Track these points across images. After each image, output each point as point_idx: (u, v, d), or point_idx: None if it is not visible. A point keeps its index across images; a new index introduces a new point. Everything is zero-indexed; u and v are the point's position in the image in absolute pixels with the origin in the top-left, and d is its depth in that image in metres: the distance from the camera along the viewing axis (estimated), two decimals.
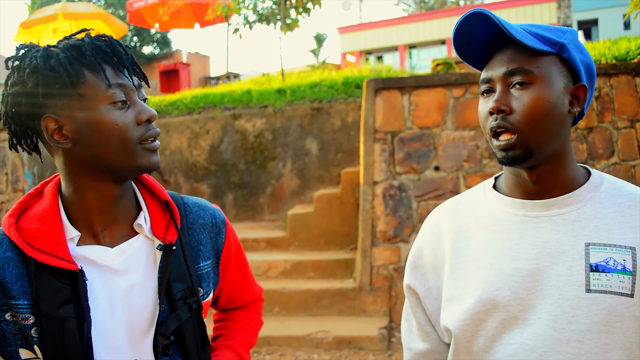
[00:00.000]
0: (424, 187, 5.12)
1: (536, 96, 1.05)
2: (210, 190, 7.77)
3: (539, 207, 1.11)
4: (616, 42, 6.11)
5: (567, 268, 1.05)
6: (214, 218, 1.32)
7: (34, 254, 1.06)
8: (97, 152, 1.10)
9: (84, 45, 1.09)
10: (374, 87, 5.29)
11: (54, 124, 1.09)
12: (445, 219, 1.25)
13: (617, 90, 4.89)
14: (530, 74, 1.06)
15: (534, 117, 1.05)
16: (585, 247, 1.05)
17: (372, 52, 23.75)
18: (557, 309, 1.04)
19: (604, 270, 1.03)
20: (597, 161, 4.90)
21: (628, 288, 1.02)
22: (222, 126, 7.82)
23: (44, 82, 1.07)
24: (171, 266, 1.18)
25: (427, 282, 1.25)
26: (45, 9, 12.26)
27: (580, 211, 1.09)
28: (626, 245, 1.04)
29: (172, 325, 1.15)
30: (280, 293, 5.32)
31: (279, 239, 6.34)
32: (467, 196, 1.26)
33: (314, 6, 9.56)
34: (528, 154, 1.07)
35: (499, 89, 1.09)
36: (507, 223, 1.14)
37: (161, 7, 13.25)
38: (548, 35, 1.08)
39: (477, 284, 1.12)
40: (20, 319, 1.06)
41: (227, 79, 13.68)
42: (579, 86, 1.09)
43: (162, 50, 22.23)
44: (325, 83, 8.02)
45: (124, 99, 1.11)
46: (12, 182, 7.03)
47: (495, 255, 1.12)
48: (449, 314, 1.16)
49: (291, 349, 4.70)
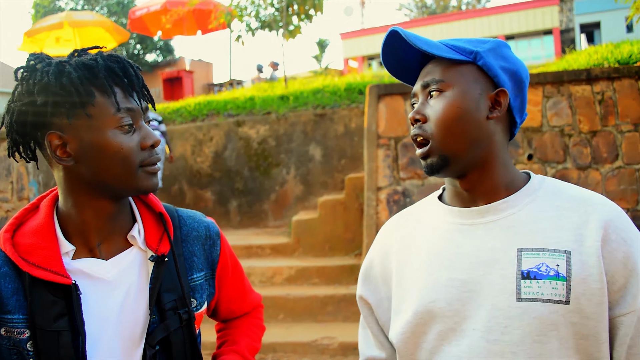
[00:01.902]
0: (427, 193, 5.10)
1: (447, 103, 1.07)
2: (215, 197, 7.79)
3: (475, 215, 1.10)
4: (619, 45, 6.10)
5: (499, 276, 1.02)
6: (208, 230, 1.33)
7: (28, 269, 1.07)
8: (98, 173, 1.10)
9: (97, 66, 1.09)
10: (377, 93, 5.30)
11: (58, 140, 1.09)
12: (393, 231, 1.25)
13: (620, 94, 4.89)
14: (442, 82, 1.08)
15: (445, 123, 1.07)
16: (518, 253, 1.02)
17: (375, 57, 23.76)
18: (491, 319, 1.01)
19: (535, 277, 1.00)
20: (601, 165, 4.90)
21: (562, 295, 0.98)
22: (225, 133, 7.84)
23: (53, 100, 1.06)
24: (163, 277, 1.19)
25: (378, 293, 1.24)
26: (49, 18, 12.33)
27: (514, 216, 1.07)
28: (560, 249, 1.00)
29: (158, 335, 1.16)
30: (285, 299, 5.32)
31: (284, 245, 6.34)
32: (417, 207, 1.27)
33: (315, 12, 9.59)
34: (444, 161, 1.08)
35: (419, 101, 1.13)
36: (446, 232, 1.13)
37: (164, 15, 13.29)
38: (465, 46, 1.10)
39: (415, 295, 1.11)
40: (16, 334, 1.07)
41: (230, 86, 13.72)
42: (499, 91, 1.09)
43: (165, 57, 22.30)
44: (328, 89, 8.04)
45: (131, 123, 1.12)
46: (17, 190, 7.05)
47: (433, 265, 1.11)
48: (392, 327, 1.15)
49: (297, 355, 4.70)
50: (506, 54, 1.12)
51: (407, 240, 1.20)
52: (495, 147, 1.10)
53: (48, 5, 20.61)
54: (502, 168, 1.11)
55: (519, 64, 1.13)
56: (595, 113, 4.92)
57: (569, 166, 4.95)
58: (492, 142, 1.10)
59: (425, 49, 1.07)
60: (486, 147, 1.09)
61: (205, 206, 7.78)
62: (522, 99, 1.14)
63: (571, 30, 19.76)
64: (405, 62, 1.19)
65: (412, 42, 1.07)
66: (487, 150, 1.09)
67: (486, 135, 1.09)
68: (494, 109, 1.09)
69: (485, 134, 1.08)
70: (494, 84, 1.10)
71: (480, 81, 1.09)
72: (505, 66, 1.11)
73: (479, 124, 1.07)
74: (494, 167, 1.11)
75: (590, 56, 5.71)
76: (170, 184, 7.98)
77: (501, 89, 1.09)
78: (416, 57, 1.17)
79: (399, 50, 1.16)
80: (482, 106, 1.08)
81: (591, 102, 4.93)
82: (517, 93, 1.12)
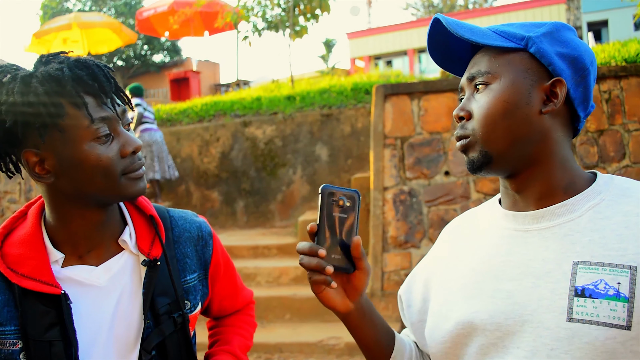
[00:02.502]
0: (434, 192, 5.12)
1: (492, 96, 0.97)
2: (221, 197, 7.81)
3: (529, 220, 0.99)
4: (626, 43, 6.07)
5: (549, 291, 0.90)
6: (200, 231, 1.31)
7: (17, 280, 1.06)
8: (80, 186, 1.07)
9: (64, 78, 1.03)
10: (383, 93, 5.30)
11: (34, 157, 1.05)
12: (450, 232, 1.18)
13: (627, 92, 4.86)
14: (488, 74, 0.98)
15: (487, 119, 0.96)
16: (573, 267, 0.89)
17: (381, 56, 23.76)
18: (537, 339, 0.89)
19: (591, 295, 0.86)
20: (609, 164, 4.88)
21: (622, 318, 0.83)
22: (232, 133, 7.86)
23: (22, 119, 1.02)
24: (156, 281, 1.17)
25: (417, 292, 1.18)
26: (58, 19, 12.42)
27: (573, 223, 0.94)
28: (624, 264, 0.85)
29: (154, 340, 1.15)
30: (292, 299, 5.33)
31: (290, 245, 6.35)
32: (480, 208, 1.16)
33: (322, 12, 9.59)
34: (486, 158, 0.98)
35: (466, 95, 1.03)
36: (498, 238, 1.02)
37: (171, 16, 13.34)
38: (516, 31, 0.99)
39: (460, 303, 1.01)
40: (8, 345, 1.06)
41: (237, 86, 13.76)
42: (554, 81, 0.96)
43: (173, 58, 22.37)
44: (335, 89, 8.04)
45: (108, 132, 1.07)
46: (25, 191, 7.10)
47: (481, 273, 1.00)
48: (432, 334, 1.07)
49: (303, 356, 4.70)
50: (566, 38, 0.99)
51: (461, 244, 1.11)
52: (551, 144, 0.97)
53: (56, 6, 20.72)
54: (560, 168, 0.98)
55: (581, 48, 0.99)
56: (602, 112, 4.90)
57: None
58: (547, 139, 0.97)
59: (468, 37, 0.97)
60: (538, 145, 0.97)
61: (212, 206, 7.80)
62: (586, 90, 1.00)
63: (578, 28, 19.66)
64: (455, 52, 1.09)
65: (454, 30, 0.97)
66: (539, 148, 0.97)
67: (538, 132, 0.96)
68: (549, 101, 0.96)
69: (537, 130, 0.96)
70: (550, 74, 0.97)
71: (532, 71, 0.97)
72: (564, 52, 0.97)
73: (529, 119, 0.95)
74: (550, 167, 0.98)
75: (597, 55, 5.67)
76: (177, 185, 8.00)
77: (557, 79, 0.96)
78: (466, 46, 1.08)
79: (446, 40, 1.07)
80: (534, 99, 0.96)
81: (598, 101, 4.90)
82: (578, 82, 0.98)
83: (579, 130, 1.04)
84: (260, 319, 5.21)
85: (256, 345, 4.71)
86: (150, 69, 20.86)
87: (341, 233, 0.94)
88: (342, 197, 0.94)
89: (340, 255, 0.94)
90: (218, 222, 7.62)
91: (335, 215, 0.94)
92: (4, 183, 7.21)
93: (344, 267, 0.95)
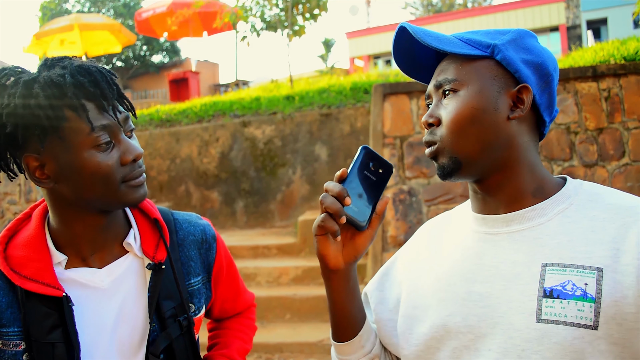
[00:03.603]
0: (434, 192, 5.11)
1: (460, 103, 0.97)
2: (221, 197, 7.80)
3: (499, 223, 1.00)
4: (625, 42, 6.07)
5: (519, 292, 0.92)
6: (204, 234, 1.31)
7: (20, 282, 1.06)
8: (80, 192, 1.07)
9: (66, 84, 1.03)
10: (382, 92, 5.30)
11: (35, 162, 1.06)
12: (425, 234, 1.19)
13: (626, 90, 4.86)
14: (455, 81, 0.98)
15: (457, 125, 0.97)
16: (542, 268, 0.91)
17: (381, 56, 23.73)
18: (507, 340, 0.91)
19: (559, 296, 0.88)
20: (608, 162, 4.87)
21: (589, 318, 0.85)
22: (231, 134, 7.86)
23: (23, 125, 1.02)
24: (161, 285, 1.17)
25: (390, 290, 1.18)
26: (58, 20, 12.43)
27: (543, 226, 0.96)
28: (591, 266, 0.88)
29: (162, 344, 1.15)
30: (292, 299, 5.33)
31: (290, 245, 6.35)
32: (455, 211, 1.18)
33: (320, 12, 9.59)
34: (456, 164, 0.98)
35: (433, 102, 1.04)
36: (470, 241, 1.04)
37: (169, 17, 13.33)
38: (481, 39, 1.00)
39: (434, 307, 1.02)
40: (12, 346, 1.06)
41: (236, 87, 13.76)
42: (520, 88, 0.98)
43: (172, 59, 22.35)
44: (334, 89, 8.03)
45: (109, 139, 1.07)
46: (25, 192, 7.10)
47: (454, 276, 1.02)
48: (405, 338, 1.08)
49: (303, 355, 4.70)
50: (530, 45, 1.01)
51: (435, 246, 1.12)
52: (519, 149, 0.99)
53: (55, 7, 20.72)
54: (528, 172, 1.00)
55: (545, 55, 1.01)
56: (601, 110, 4.89)
57: (575, 164, 4.92)
58: (515, 144, 0.98)
59: (435, 46, 0.98)
60: (506, 150, 0.98)
61: (211, 207, 7.80)
62: (551, 95, 1.02)
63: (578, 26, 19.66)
64: (420, 59, 1.11)
65: (421, 38, 0.98)
66: (507, 153, 0.98)
67: (506, 137, 0.98)
68: (515, 107, 0.98)
69: (504, 135, 0.97)
70: (516, 80, 0.99)
71: (499, 78, 0.98)
72: (529, 59, 0.99)
73: (497, 125, 0.97)
74: (518, 171, 0.99)
75: (597, 53, 5.67)
76: (176, 185, 8.00)
77: (523, 85, 0.98)
78: (431, 53, 1.09)
79: (412, 48, 1.08)
80: (501, 105, 0.97)
81: (597, 99, 4.90)
82: (543, 88, 1.00)
83: (544, 134, 1.06)
84: (261, 319, 5.21)
85: (256, 346, 4.71)
86: (149, 69, 20.82)
87: (367, 190, 0.96)
88: (379, 162, 0.97)
89: (358, 209, 0.95)
90: (218, 223, 7.61)
91: (367, 174, 0.96)
92: (4, 184, 7.21)
93: (359, 221, 0.96)
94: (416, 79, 1.15)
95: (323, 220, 0.94)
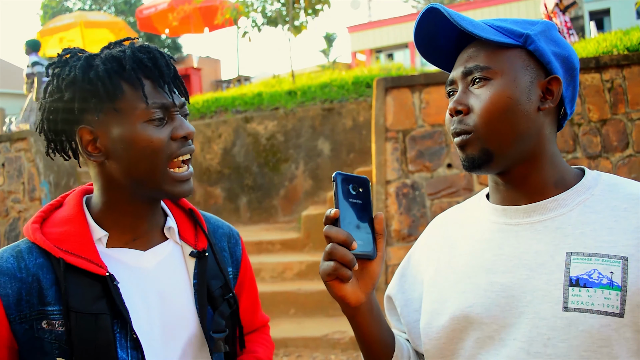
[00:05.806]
0: (437, 185, 5.10)
1: (495, 92, 0.96)
2: (225, 193, 7.81)
3: (520, 214, 1.00)
4: (628, 32, 6.03)
5: (544, 282, 0.92)
6: (230, 230, 1.36)
7: (62, 255, 1.05)
8: (127, 169, 1.08)
9: (125, 58, 1.07)
10: (384, 86, 5.28)
11: (89, 135, 1.08)
12: (438, 228, 1.18)
13: (630, 81, 4.83)
14: (488, 69, 0.97)
15: (492, 114, 0.95)
16: (567, 258, 0.91)
17: (383, 50, 23.68)
18: (532, 329, 0.91)
19: (586, 285, 0.88)
20: (612, 154, 4.86)
21: (615, 306, 0.86)
22: (234, 129, 7.86)
23: (80, 95, 1.05)
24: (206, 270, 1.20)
25: (411, 291, 1.17)
26: (62, 18, 12.45)
27: (565, 217, 0.96)
28: (616, 255, 0.88)
29: (220, 322, 1.17)
30: (296, 294, 5.34)
31: (294, 241, 6.36)
32: (467, 203, 1.17)
33: (322, 6, 9.56)
34: (487, 155, 0.97)
35: (459, 89, 1.01)
36: (489, 232, 1.03)
37: (170, 13, 13.34)
38: (513, 27, 0.99)
39: (453, 299, 1.02)
40: (57, 326, 1.04)
41: (238, 82, 13.73)
42: (551, 79, 0.98)
43: (173, 55, 22.29)
44: (336, 83, 8.03)
45: (162, 116, 1.08)
46: (28, 191, 7.12)
47: (473, 267, 1.01)
48: (426, 330, 1.07)
49: (308, 350, 4.71)
50: (557, 38, 1.01)
51: (451, 240, 1.11)
52: (544, 140, 0.99)
53: (56, 5, 20.73)
54: (550, 163, 1.00)
55: (569, 49, 1.02)
56: (604, 101, 4.87)
57: (579, 155, 4.91)
58: (541, 136, 0.99)
59: (470, 30, 0.95)
60: (534, 142, 0.98)
61: (215, 203, 7.81)
62: (574, 89, 1.03)
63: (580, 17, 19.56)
64: (438, 42, 1.08)
65: (457, 21, 0.95)
66: (534, 145, 0.98)
67: (535, 129, 0.98)
68: (545, 99, 0.98)
69: (534, 127, 0.97)
70: (545, 72, 0.99)
71: (530, 68, 0.98)
72: (557, 51, 0.99)
73: (529, 116, 0.96)
74: (541, 163, 1.00)
75: (599, 44, 5.64)
76: None
77: (554, 77, 0.98)
78: (451, 38, 1.06)
79: (433, 31, 1.05)
80: (532, 96, 0.97)
81: (600, 91, 4.88)
82: (569, 81, 1.01)
83: (562, 126, 1.06)
84: None
85: None
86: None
87: (360, 217, 0.94)
88: (355, 182, 0.95)
89: (362, 241, 0.93)
90: (222, 219, 7.62)
91: (352, 200, 0.94)
92: (8, 183, 7.24)
93: (369, 252, 0.94)
94: (433, 63, 1.13)
95: (334, 269, 0.91)
